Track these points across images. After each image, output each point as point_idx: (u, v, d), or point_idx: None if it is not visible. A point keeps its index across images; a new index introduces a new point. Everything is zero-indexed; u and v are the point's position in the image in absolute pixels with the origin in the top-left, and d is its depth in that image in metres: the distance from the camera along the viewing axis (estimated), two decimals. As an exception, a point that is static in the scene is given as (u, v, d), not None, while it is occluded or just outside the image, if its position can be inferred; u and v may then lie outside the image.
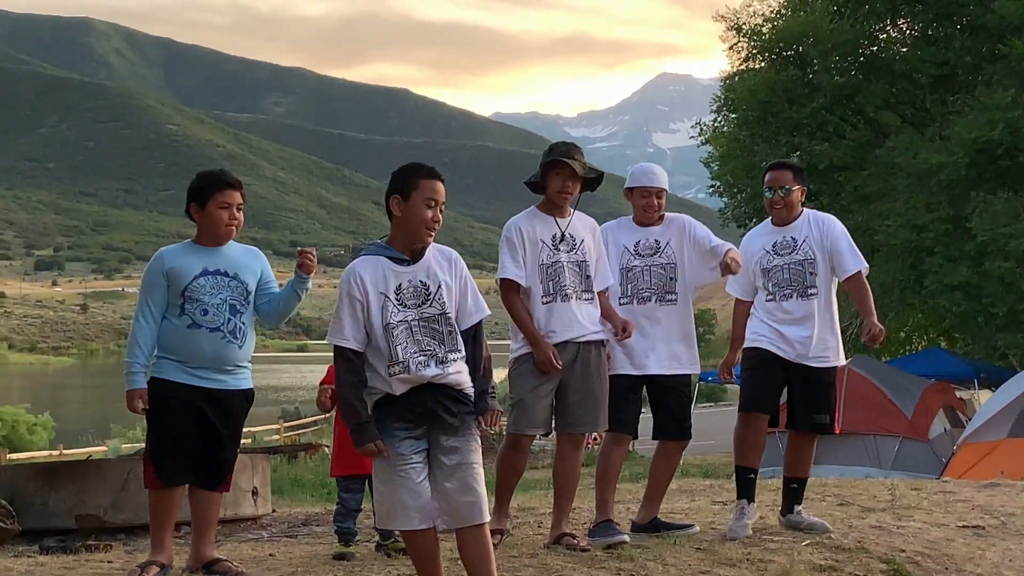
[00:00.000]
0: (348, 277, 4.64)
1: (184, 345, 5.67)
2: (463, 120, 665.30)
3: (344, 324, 4.60)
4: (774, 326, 6.80)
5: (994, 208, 22.63)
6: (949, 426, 19.02)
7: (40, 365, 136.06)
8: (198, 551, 5.78)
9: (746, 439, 6.85)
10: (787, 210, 6.95)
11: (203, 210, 5.79)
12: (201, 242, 5.84)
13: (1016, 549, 6.89)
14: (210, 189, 5.81)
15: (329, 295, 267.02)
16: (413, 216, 4.66)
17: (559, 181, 6.24)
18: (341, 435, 6.42)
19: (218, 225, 5.80)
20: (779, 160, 7.50)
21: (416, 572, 4.73)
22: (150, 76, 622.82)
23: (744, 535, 6.57)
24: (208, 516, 5.85)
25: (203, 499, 5.83)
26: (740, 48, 30.28)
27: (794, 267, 6.83)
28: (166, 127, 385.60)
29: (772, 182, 6.96)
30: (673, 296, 6.67)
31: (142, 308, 5.72)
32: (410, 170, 4.76)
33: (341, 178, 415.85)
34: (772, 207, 6.98)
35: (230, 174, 5.93)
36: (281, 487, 16.07)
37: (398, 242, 4.73)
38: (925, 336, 33.72)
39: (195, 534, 5.84)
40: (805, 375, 6.77)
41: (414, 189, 4.67)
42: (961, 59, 25.84)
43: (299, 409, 47.57)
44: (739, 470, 6.86)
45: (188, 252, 5.81)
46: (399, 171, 4.79)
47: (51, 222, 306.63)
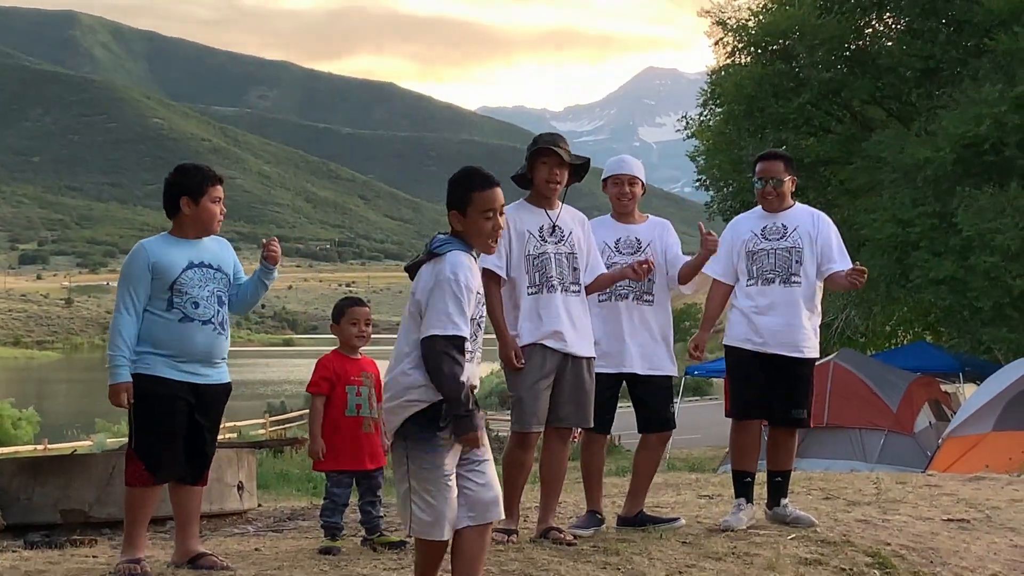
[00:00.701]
0: (463, 269, 4.45)
1: (176, 339, 5.63)
2: (449, 114, 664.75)
3: (456, 315, 4.40)
4: (752, 317, 6.77)
5: (980, 203, 22.68)
6: (934, 420, 19.10)
7: (24, 359, 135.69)
8: (184, 546, 5.76)
9: (741, 445, 6.87)
10: (778, 200, 6.93)
11: (197, 204, 5.77)
12: (182, 235, 5.81)
13: (1001, 542, 6.91)
14: (204, 184, 5.79)
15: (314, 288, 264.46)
16: (473, 231, 4.56)
17: (546, 170, 6.23)
18: (329, 429, 6.40)
19: (212, 219, 5.80)
20: (770, 151, 7.47)
21: (418, 571, 4.66)
22: (135, 69, 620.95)
23: (738, 527, 6.58)
24: (192, 510, 5.84)
25: (186, 494, 5.81)
26: (726, 43, 30.30)
27: (780, 253, 6.82)
28: (151, 121, 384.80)
29: (764, 172, 6.95)
30: (651, 296, 6.68)
31: (124, 301, 5.66)
32: (463, 183, 4.61)
33: (327, 172, 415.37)
34: (764, 197, 6.95)
35: (213, 168, 5.94)
36: (267, 482, 16.09)
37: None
38: (910, 330, 33.82)
39: (180, 529, 5.82)
40: (781, 366, 6.74)
41: (470, 204, 4.56)
42: (947, 53, 25.89)
43: (284, 403, 47.53)
44: (735, 474, 6.90)
45: (170, 245, 5.78)
46: (453, 183, 4.65)
47: (35, 216, 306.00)
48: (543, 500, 6.33)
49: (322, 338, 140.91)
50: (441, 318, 4.37)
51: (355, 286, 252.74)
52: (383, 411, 4.64)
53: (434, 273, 4.46)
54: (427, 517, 4.41)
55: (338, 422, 6.37)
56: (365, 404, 6.42)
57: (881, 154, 25.07)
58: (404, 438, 4.46)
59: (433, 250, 4.52)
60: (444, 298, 4.39)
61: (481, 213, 4.54)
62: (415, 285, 4.55)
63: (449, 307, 4.37)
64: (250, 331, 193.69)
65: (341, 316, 6.55)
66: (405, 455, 4.45)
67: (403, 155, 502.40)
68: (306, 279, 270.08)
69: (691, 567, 5.68)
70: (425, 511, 4.41)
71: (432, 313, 4.40)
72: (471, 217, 4.54)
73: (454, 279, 4.41)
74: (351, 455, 6.37)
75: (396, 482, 4.54)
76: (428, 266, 4.51)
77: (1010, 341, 22.90)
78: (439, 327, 4.36)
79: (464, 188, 4.58)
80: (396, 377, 4.50)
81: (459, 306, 4.38)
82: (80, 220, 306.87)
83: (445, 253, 4.48)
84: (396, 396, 4.48)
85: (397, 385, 4.48)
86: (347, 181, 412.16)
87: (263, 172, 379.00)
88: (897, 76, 27.51)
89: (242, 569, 5.49)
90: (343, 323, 6.54)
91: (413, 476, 4.43)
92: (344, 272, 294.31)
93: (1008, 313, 22.90)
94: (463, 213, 4.55)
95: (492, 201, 4.56)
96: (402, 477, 4.47)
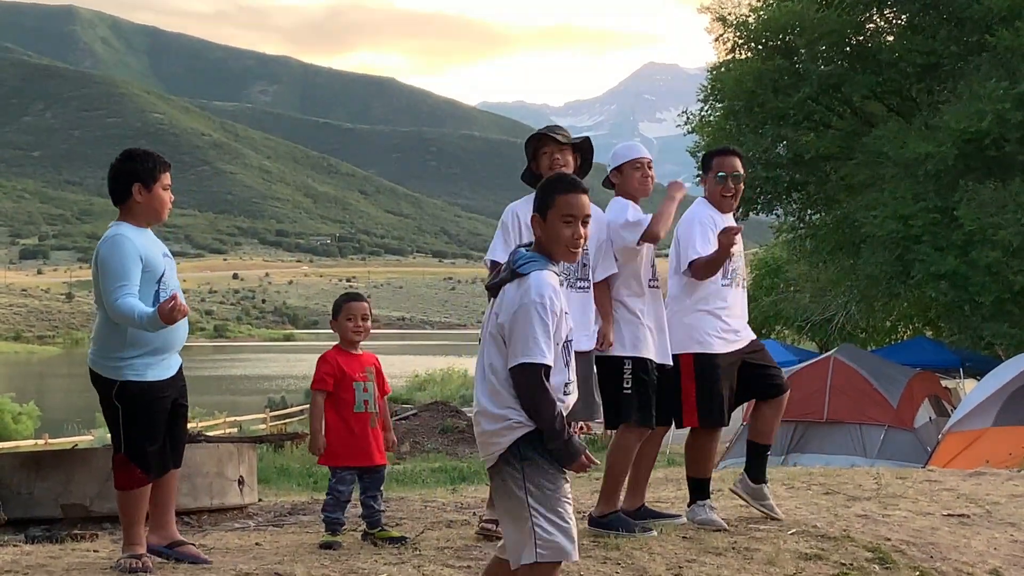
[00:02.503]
0: (547, 290, 4.25)
1: (162, 333, 5.52)
2: (449, 109, 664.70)
3: (543, 341, 4.20)
4: (727, 321, 6.63)
5: (981, 198, 22.67)
6: (934, 415, 19.09)
7: (25, 354, 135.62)
8: (164, 529, 5.76)
9: (708, 451, 6.80)
10: (735, 199, 6.78)
11: (150, 191, 5.66)
12: (139, 223, 5.67)
13: (1001, 537, 6.91)
14: (156, 171, 5.69)
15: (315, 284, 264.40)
16: (552, 236, 4.36)
17: (547, 159, 6.22)
18: (338, 425, 6.40)
19: (164, 207, 5.70)
20: (724, 146, 7.24)
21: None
22: (135, 64, 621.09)
23: (724, 525, 6.56)
24: (171, 494, 5.83)
25: (167, 479, 5.78)
26: (726, 39, 30.27)
27: (744, 256, 6.83)
28: (151, 116, 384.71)
29: (726, 167, 6.72)
30: (656, 283, 6.60)
31: (124, 288, 5.42)
32: (548, 187, 4.47)
33: (327, 167, 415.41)
34: (723, 195, 6.70)
35: (162, 154, 5.83)
36: (267, 476, 16.11)
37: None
38: (911, 325, 33.83)
39: (159, 513, 5.78)
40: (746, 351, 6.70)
41: (551, 208, 4.36)
42: (947, 49, 25.85)
43: (285, 398, 47.51)
44: (692, 480, 6.76)
45: (141, 236, 5.62)
46: (539, 187, 4.52)
47: (36, 211, 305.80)
48: None
49: (322, 333, 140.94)
50: (529, 344, 4.17)
51: (355, 281, 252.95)
52: (477, 438, 4.39)
53: (519, 295, 4.26)
54: (559, 539, 4.20)
55: (349, 419, 6.38)
56: (372, 400, 6.44)
57: (882, 149, 25.03)
58: (518, 461, 4.23)
59: (516, 269, 4.32)
60: (532, 323, 4.20)
61: (561, 217, 4.35)
62: (498, 305, 4.33)
63: (537, 332, 4.18)
64: (251, 326, 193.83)
65: (339, 312, 6.57)
66: (521, 479, 4.23)
67: (403, 150, 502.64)
68: (306, 274, 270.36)
69: (692, 562, 5.68)
70: (556, 534, 4.20)
71: (518, 339, 4.20)
72: (551, 221, 4.36)
73: (539, 302, 4.21)
74: (363, 451, 6.39)
75: (505, 511, 4.32)
76: (512, 286, 4.31)
77: (1011, 336, 22.89)
78: (527, 355, 4.18)
79: (548, 191, 4.43)
80: (484, 405, 4.32)
81: (546, 331, 4.20)
82: (80, 215, 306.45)
83: (529, 273, 4.29)
84: (496, 420, 4.27)
85: (493, 407, 4.29)
86: (347, 176, 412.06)
87: (263, 167, 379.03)
88: (898, 71, 27.48)
89: (243, 563, 5.49)
90: (340, 319, 6.55)
91: (536, 500, 4.21)
92: (344, 267, 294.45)
93: (1009, 308, 22.89)
94: (544, 217, 4.38)
95: (572, 207, 4.36)
96: (517, 503, 4.23)
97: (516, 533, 4.25)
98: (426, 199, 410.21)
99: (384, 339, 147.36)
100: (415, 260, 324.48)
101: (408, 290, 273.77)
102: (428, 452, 25.96)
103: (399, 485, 13.98)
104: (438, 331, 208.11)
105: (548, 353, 4.19)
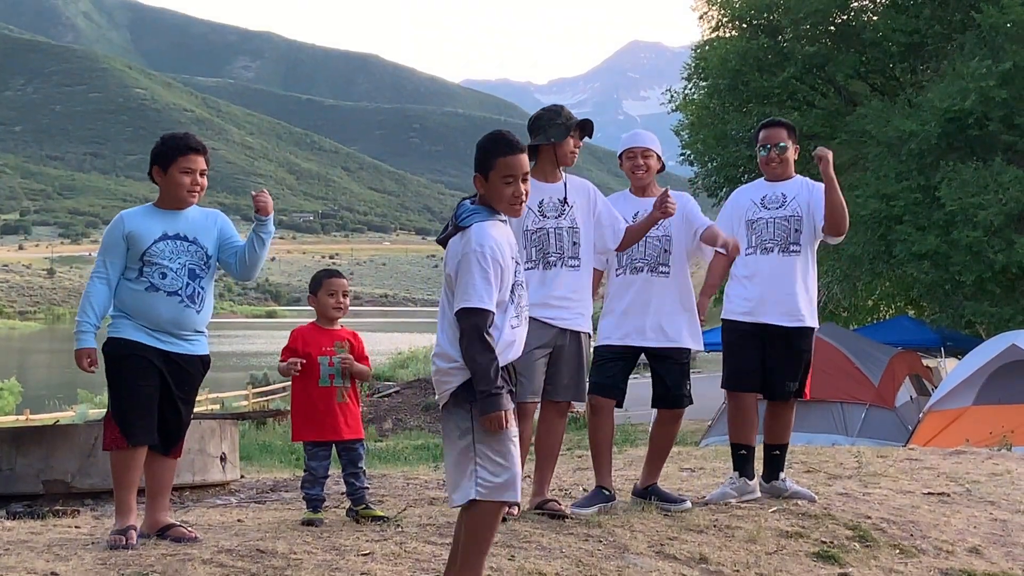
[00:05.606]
0: (488, 240, 4.38)
1: (141, 308, 5.65)
2: (433, 86, 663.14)
3: (483, 288, 4.33)
4: (750, 288, 6.77)
5: (963, 177, 22.74)
6: (915, 394, 19.17)
7: (6, 330, 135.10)
8: (153, 517, 5.76)
9: (734, 417, 6.90)
10: (782, 167, 6.91)
11: (165, 174, 5.75)
12: (162, 206, 5.81)
13: (981, 516, 6.95)
14: (174, 153, 5.75)
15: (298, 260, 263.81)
16: (494, 195, 4.49)
17: (551, 151, 6.27)
18: (302, 400, 6.40)
19: (180, 189, 5.75)
20: (773, 118, 7.43)
21: (477, 541, 4.45)
22: (117, 39, 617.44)
23: (720, 500, 6.63)
24: (163, 481, 5.84)
25: (159, 465, 5.81)
26: (711, 17, 30.27)
27: (779, 222, 6.80)
28: (133, 91, 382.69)
29: (767, 139, 6.91)
30: (667, 268, 6.60)
31: (98, 269, 5.71)
32: (488, 147, 4.54)
33: (310, 143, 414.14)
34: (767, 164, 6.92)
35: (195, 138, 5.85)
36: (250, 453, 16.09)
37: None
38: (893, 304, 33.93)
39: (150, 499, 5.82)
40: (777, 335, 6.74)
41: (492, 169, 4.48)
42: (931, 28, 25.89)
43: (268, 375, 47.42)
44: (731, 446, 6.91)
45: (149, 216, 5.78)
46: (478, 147, 4.59)
47: (17, 186, 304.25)
48: (537, 473, 6.32)
49: (305, 310, 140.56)
50: (468, 291, 4.32)
51: (338, 258, 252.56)
52: (433, 376, 4.53)
53: (461, 246, 4.41)
54: (498, 479, 4.31)
55: (311, 392, 6.37)
56: (338, 375, 6.40)
57: (866, 127, 25.08)
58: (467, 402, 4.36)
59: (459, 223, 4.46)
60: (471, 271, 4.34)
61: (502, 178, 4.47)
62: (445, 258, 4.50)
63: (476, 280, 4.33)
64: (233, 303, 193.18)
65: (318, 287, 6.54)
66: (469, 419, 4.35)
67: (386, 127, 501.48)
68: (289, 251, 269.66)
69: (673, 540, 5.69)
70: (495, 473, 4.32)
71: (460, 287, 4.36)
72: (492, 181, 4.48)
73: (479, 251, 4.35)
74: (330, 426, 6.36)
75: (448, 449, 4.43)
76: (456, 239, 4.46)
77: (991, 315, 23.00)
78: (466, 300, 4.32)
79: (488, 152, 4.52)
80: (442, 346, 4.43)
81: (485, 277, 4.34)
82: (62, 190, 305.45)
83: (471, 226, 4.42)
84: (450, 359, 4.40)
85: (449, 348, 4.41)
86: (330, 153, 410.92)
87: (246, 143, 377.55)
88: (881, 50, 27.52)
89: (224, 540, 5.49)
90: (320, 295, 6.52)
91: (480, 441, 4.34)
92: (327, 244, 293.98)
93: (990, 288, 22.99)
94: (486, 177, 4.50)
95: (513, 167, 4.48)
96: (460, 441, 4.36)
97: (458, 474, 4.38)
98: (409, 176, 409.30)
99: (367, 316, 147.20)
100: (398, 237, 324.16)
101: (391, 267, 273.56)
102: (411, 429, 25.99)
103: (381, 462, 13.97)
104: (421, 308, 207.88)
105: (488, 299, 4.33)
